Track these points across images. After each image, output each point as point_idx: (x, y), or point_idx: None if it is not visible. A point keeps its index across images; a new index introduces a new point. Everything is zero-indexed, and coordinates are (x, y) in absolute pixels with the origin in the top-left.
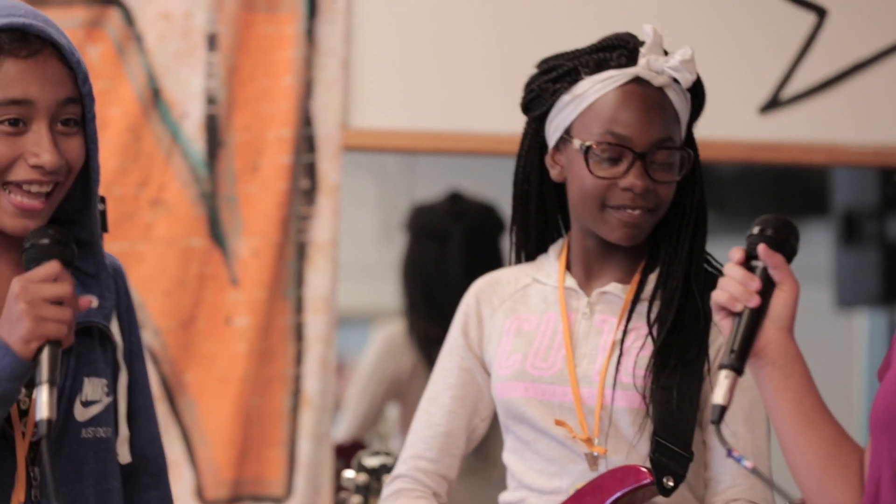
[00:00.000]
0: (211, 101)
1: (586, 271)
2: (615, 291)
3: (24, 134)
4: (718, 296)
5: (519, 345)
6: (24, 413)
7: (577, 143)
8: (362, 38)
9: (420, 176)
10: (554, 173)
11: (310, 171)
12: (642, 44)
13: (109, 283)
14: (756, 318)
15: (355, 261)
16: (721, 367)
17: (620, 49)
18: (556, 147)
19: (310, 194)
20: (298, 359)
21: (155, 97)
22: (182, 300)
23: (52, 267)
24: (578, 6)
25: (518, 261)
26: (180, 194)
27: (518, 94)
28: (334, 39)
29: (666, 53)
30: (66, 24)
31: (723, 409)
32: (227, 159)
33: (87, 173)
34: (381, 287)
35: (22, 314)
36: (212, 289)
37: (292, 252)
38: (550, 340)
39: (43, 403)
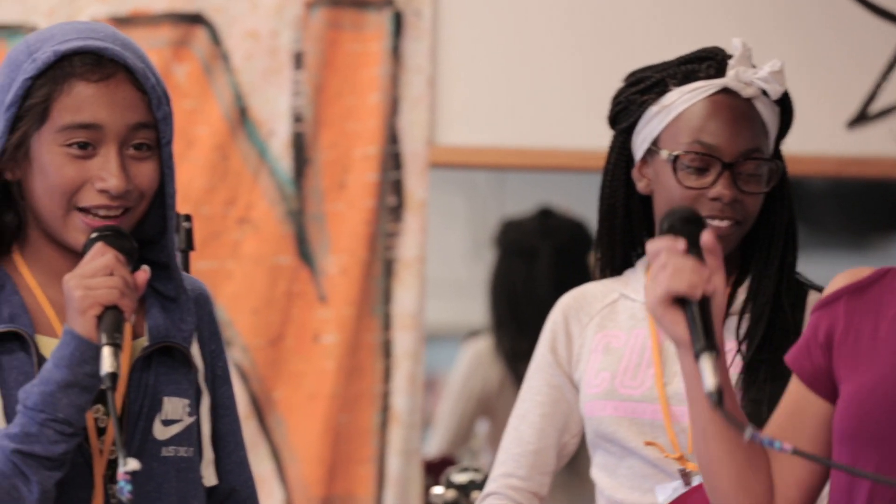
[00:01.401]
0: (298, 119)
1: None
2: None
3: (92, 158)
4: (677, 284)
5: (607, 362)
6: (102, 431)
7: (664, 153)
8: (448, 55)
9: (510, 192)
10: (640, 186)
11: (396, 188)
12: (730, 57)
13: (189, 307)
14: (709, 303)
15: (445, 278)
16: (698, 352)
17: (709, 61)
18: (643, 159)
19: (397, 211)
20: (387, 375)
21: (242, 116)
22: (270, 318)
23: (94, 250)
24: (664, 22)
25: (603, 276)
26: (268, 212)
27: (605, 109)
28: (420, 57)
29: (753, 67)
30: (152, 43)
31: (721, 392)
32: (314, 177)
33: (164, 198)
34: (472, 304)
35: (71, 290)
36: (300, 306)
37: (380, 269)
38: (639, 357)
39: (105, 360)
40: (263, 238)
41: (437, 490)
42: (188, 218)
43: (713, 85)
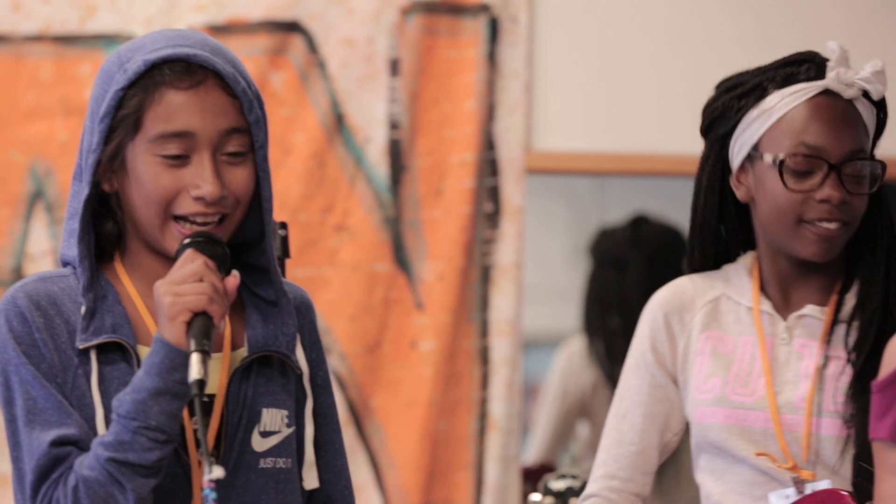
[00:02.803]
0: (394, 126)
1: (782, 294)
2: (813, 314)
3: (186, 165)
4: None
5: (716, 368)
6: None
7: (768, 157)
8: (544, 60)
9: (610, 198)
10: (740, 194)
11: (493, 194)
12: (827, 59)
13: (290, 310)
14: None
15: (545, 284)
16: None
17: (807, 63)
18: (742, 166)
19: (493, 217)
20: (484, 382)
21: (338, 123)
22: (368, 325)
23: (184, 256)
24: (762, 24)
25: None
26: (365, 219)
27: None
28: (516, 62)
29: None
30: (249, 51)
31: None
32: (411, 184)
33: (261, 202)
34: (572, 310)
35: (161, 297)
36: (397, 313)
37: (477, 275)
38: (749, 366)
39: (193, 367)
40: (360, 245)
41: (535, 497)
42: (283, 225)
43: (815, 87)
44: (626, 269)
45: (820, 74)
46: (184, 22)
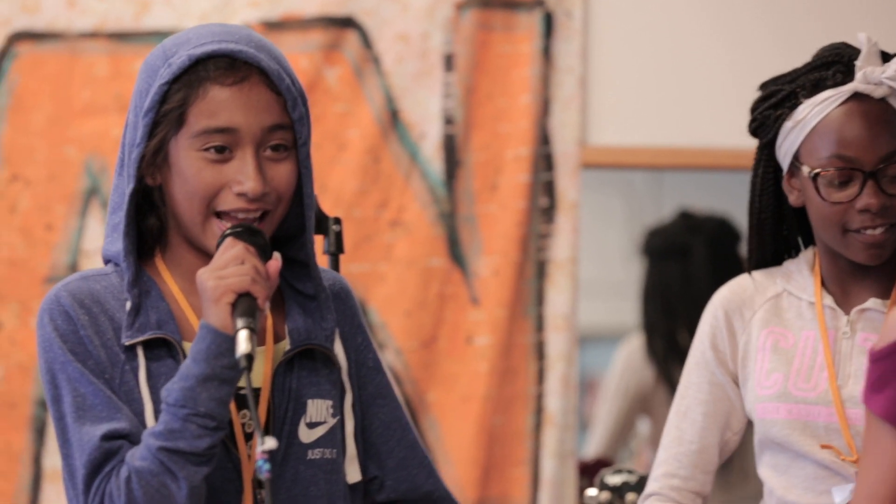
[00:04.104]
0: (449, 121)
1: (842, 288)
2: (875, 307)
3: (229, 161)
4: None
5: (777, 363)
6: (250, 436)
7: (805, 169)
8: (599, 54)
9: (667, 192)
10: (792, 199)
11: (548, 188)
12: (858, 53)
13: (329, 305)
14: None
15: (601, 279)
16: None
17: (836, 65)
18: (790, 172)
19: (549, 212)
20: (540, 377)
21: (393, 118)
22: (423, 320)
23: (225, 244)
24: (815, 17)
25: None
26: (420, 215)
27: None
28: (571, 57)
29: (886, 58)
30: (303, 47)
31: None
32: (466, 179)
33: (302, 197)
34: (628, 305)
35: (204, 283)
36: (452, 308)
37: (532, 270)
38: (811, 360)
39: (241, 343)
40: (416, 240)
41: (591, 492)
42: (338, 221)
43: (842, 93)
44: (690, 255)
45: (849, 75)
46: (238, 18)
